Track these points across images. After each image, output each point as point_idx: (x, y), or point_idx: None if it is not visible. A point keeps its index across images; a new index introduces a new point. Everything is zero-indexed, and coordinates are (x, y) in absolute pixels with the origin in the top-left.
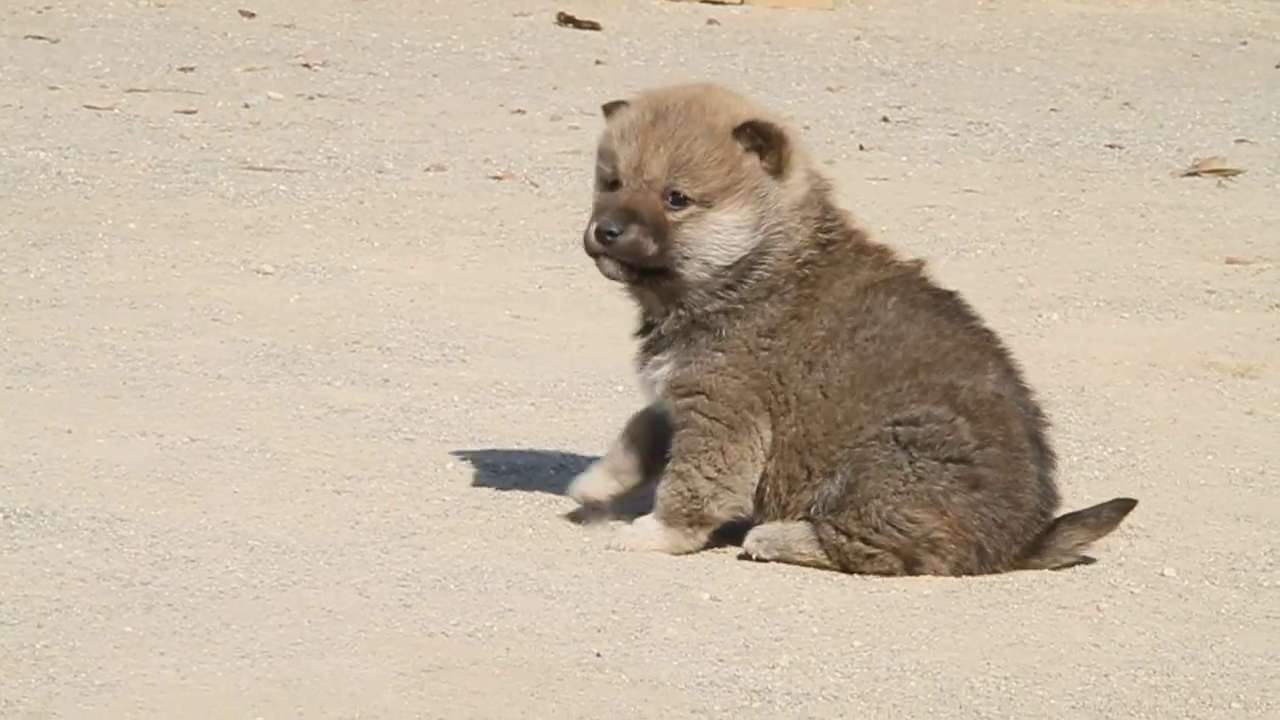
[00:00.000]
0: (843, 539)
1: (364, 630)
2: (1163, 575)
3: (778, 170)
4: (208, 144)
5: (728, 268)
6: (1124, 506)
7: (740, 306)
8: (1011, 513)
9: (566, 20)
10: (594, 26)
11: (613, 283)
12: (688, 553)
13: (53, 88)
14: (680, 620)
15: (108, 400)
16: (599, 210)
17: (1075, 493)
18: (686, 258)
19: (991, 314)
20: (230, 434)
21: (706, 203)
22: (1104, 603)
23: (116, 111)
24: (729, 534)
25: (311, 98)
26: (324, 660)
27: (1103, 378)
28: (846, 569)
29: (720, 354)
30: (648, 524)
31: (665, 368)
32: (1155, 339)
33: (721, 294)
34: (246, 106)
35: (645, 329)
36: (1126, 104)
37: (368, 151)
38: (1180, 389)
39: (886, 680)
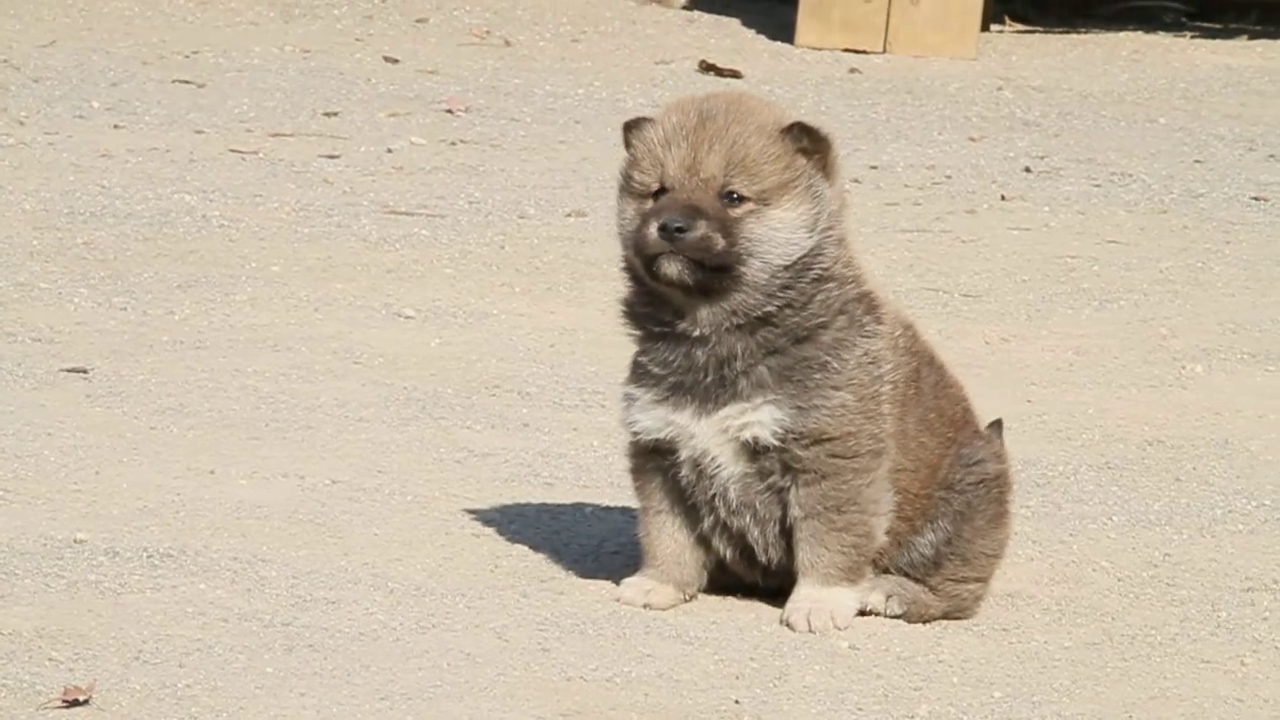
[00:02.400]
0: (960, 587)
1: (503, 674)
2: None
3: (826, 173)
4: (351, 188)
5: (786, 268)
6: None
7: (839, 334)
8: None
9: (708, 68)
10: (735, 75)
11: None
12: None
13: (199, 132)
14: (819, 668)
15: (250, 442)
16: (656, 211)
17: (1219, 546)
18: (750, 255)
19: (1135, 366)
20: (371, 476)
21: (764, 200)
22: (1248, 657)
23: (261, 155)
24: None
25: (454, 143)
26: (463, 703)
27: (1247, 431)
28: (964, 615)
29: (840, 392)
30: (836, 595)
31: (759, 414)
32: None
33: (779, 294)
34: (389, 151)
35: (702, 371)
36: (1272, 156)
37: (509, 197)
38: None
39: None
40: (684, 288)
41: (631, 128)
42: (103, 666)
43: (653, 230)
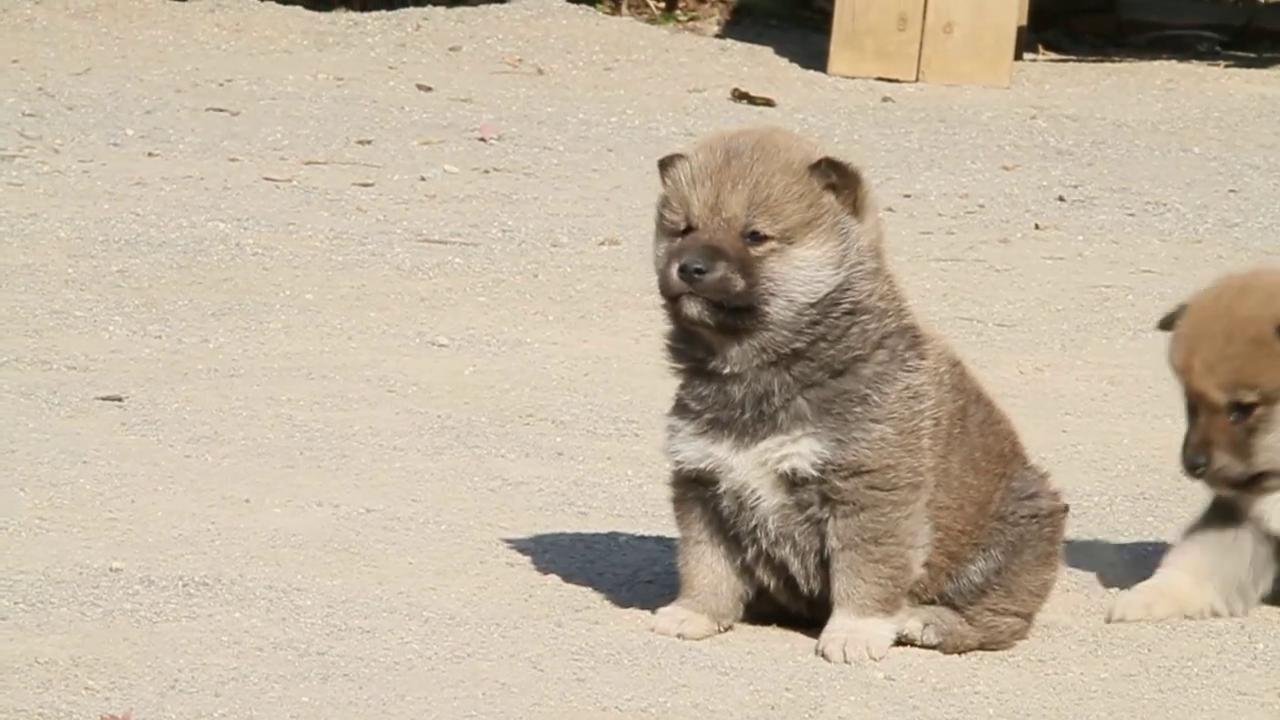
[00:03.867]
0: (999, 619)
1: (538, 704)
2: None
3: (855, 209)
4: (384, 216)
5: (812, 305)
6: None
7: (879, 367)
8: None
9: (741, 96)
10: (768, 103)
11: (693, 328)
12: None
13: (233, 159)
14: (854, 699)
15: (284, 470)
16: (678, 252)
17: None
18: (773, 294)
19: (1169, 396)
20: (405, 505)
21: (788, 239)
22: None
23: (295, 184)
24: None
25: (487, 171)
26: None
27: None
28: (1000, 647)
29: (880, 425)
30: (870, 627)
31: (798, 446)
32: None
33: (808, 330)
34: (423, 180)
35: (739, 408)
36: None
37: (542, 225)
38: None
39: None
40: (706, 327)
41: (665, 165)
42: (138, 695)
43: (674, 271)
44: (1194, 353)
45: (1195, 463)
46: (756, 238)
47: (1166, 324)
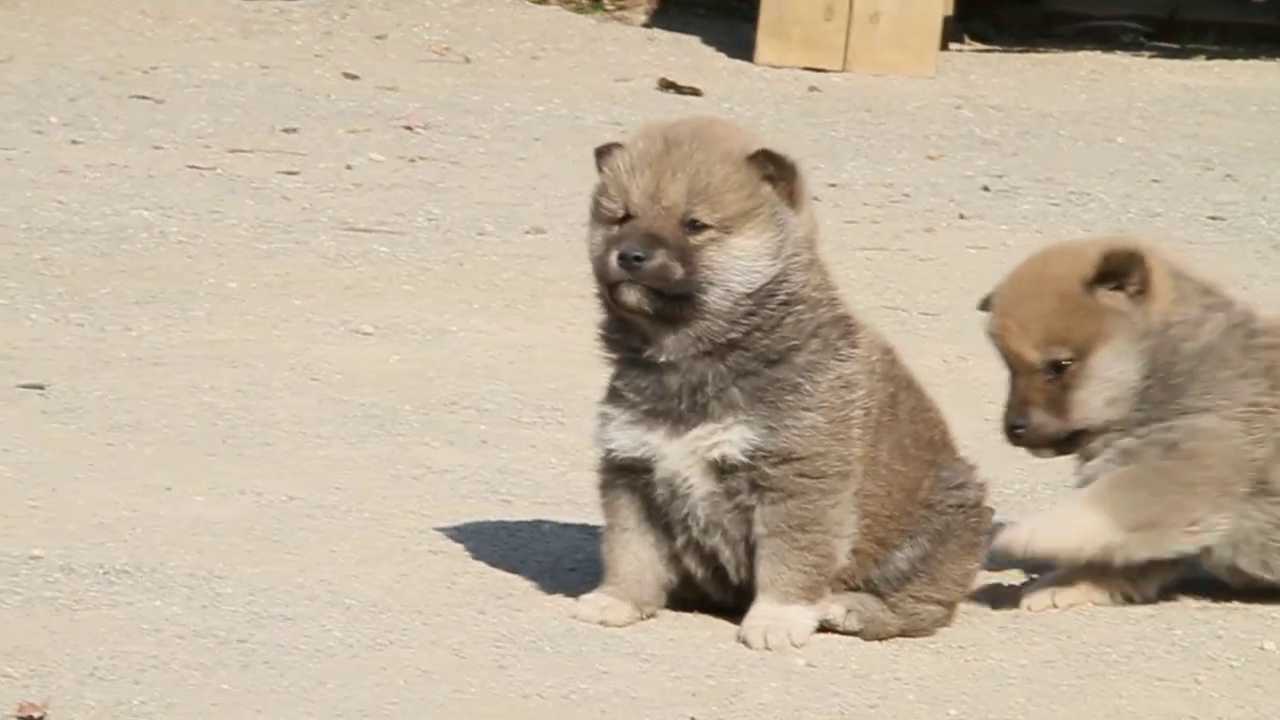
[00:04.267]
0: (922, 607)
1: (459, 691)
2: (1262, 649)
3: (791, 201)
4: (309, 204)
5: (749, 295)
6: None
7: (813, 357)
8: None
9: (668, 86)
10: (695, 92)
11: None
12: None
13: (157, 147)
14: (775, 686)
15: (207, 458)
16: (617, 239)
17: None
18: (711, 283)
19: None
20: (328, 493)
21: (726, 228)
22: (1203, 675)
23: (219, 171)
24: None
25: (413, 160)
26: None
27: None
28: (920, 634)
29: (811, 413)
30: (792, 614)
31: (729, 434)
32: None
33: (743, 321)
34: (348, 168)
35: (676, 398)
36: (1229, 176)
37: (468, 214)
38: None
39: None
40: (645, 315)
41: (602, 153)
42: (57, 683)
43: (613, 258)
44: (1008, 315)
45: (1015, 424)
46: (695, 226)
47: (986, 305)
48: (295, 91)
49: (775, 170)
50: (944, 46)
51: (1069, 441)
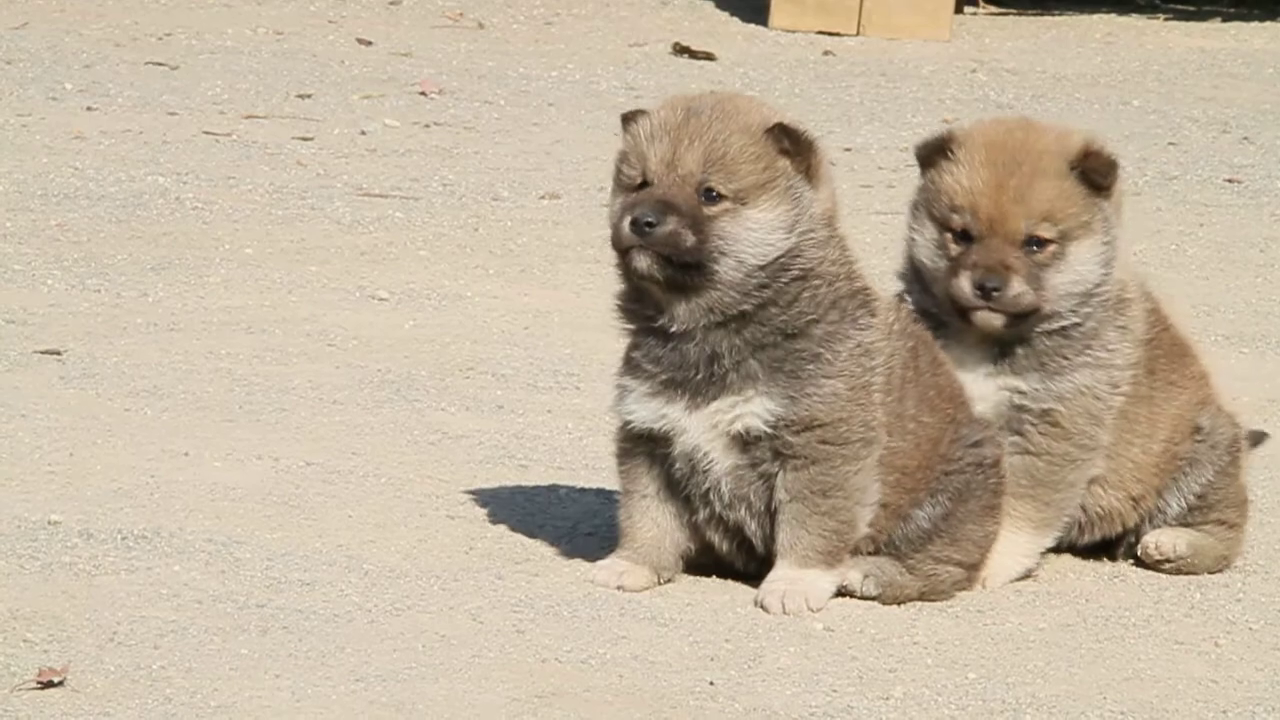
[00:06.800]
0: (941, 568)
1: (477, 655)
2: None
3: (809, 177)
4: (324, 170)
5: (760, 267)
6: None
7: (831, 327)
8: None
9: (682, 50)
10: (709, 57)
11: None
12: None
13: (172, 114)
14: (794, 650)
15: (224, 424)
16: (631, 205)
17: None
18: (723, 254)
19: None
20: (345, 459)
21: (741, 199)
22: (1222, 638)
23: (234, 138)
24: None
25: (428, 125)
26: (437, 685)
27: None
28: (939, 597)
29: (832, 380)
30: (810, 578)
31: (750, 406)
32: (1275, 375)
33: (755, 293)
34: (363, 134)
35: (693, 369)
36: (1246, 138)
37: (483, 179)
38: None
39: (1001, 713)
40: (655, 282)
41: (627, 120)
42: (77, 648)
43: (626, 224)
44: (1002, 180)
45: (991, 285)
46: (711, 196)
47: (928, 151)
48: (310, 57)
49: (792, 145)
50: (959, 10)
51: (1018, 319)
